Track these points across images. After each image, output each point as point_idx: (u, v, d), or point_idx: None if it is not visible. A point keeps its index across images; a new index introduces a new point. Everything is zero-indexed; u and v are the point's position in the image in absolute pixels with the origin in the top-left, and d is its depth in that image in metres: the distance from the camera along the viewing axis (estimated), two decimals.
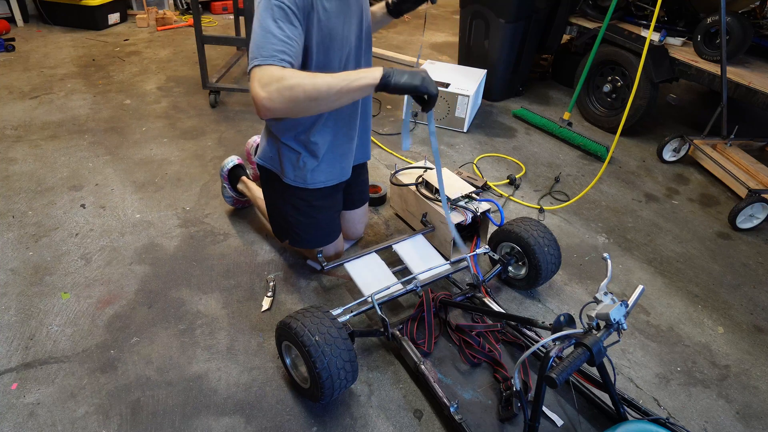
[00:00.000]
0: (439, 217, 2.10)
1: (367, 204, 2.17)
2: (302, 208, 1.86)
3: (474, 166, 2.91)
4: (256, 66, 1.35)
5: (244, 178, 2.26)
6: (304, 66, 1.55)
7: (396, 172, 2.34)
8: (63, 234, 2.17)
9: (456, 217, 2.09)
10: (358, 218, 2.15)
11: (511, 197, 2.66)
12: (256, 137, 2.41)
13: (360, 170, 2.05)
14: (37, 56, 3.93)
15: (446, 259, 2.01)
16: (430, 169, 2.30)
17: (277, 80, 1.32)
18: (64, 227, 2.21)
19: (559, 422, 1.54)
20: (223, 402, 1.56)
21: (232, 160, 2.27)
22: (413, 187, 2.23)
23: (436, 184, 2.06)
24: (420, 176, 2.27)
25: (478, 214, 2.12)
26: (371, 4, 1.79)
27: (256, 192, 2.16)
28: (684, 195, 2.82)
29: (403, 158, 2.91)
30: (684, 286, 2.17)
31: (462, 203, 2.13)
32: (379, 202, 2.52)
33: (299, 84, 1.31)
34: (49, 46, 4.16)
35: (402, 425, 1.53)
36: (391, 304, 1.94)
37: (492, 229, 2.20)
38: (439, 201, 2.08)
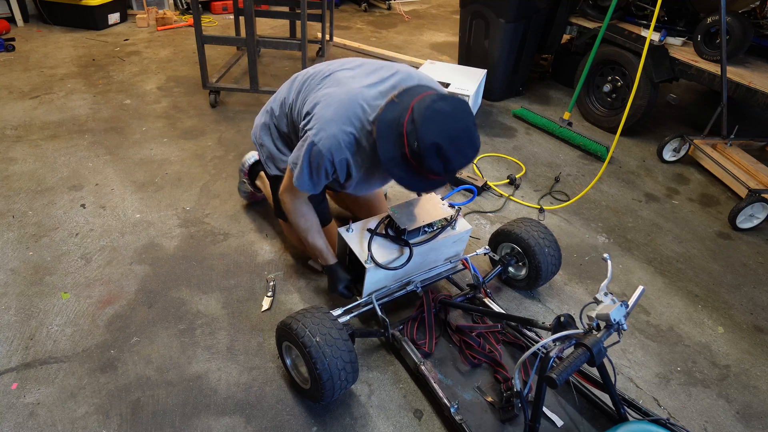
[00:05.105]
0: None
1: (380, 190, 2.11)
2: None
3: (474, 166, 2.91)
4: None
5: (262, 173, 2.26)
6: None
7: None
8: (63, 234, 2.17)
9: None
10: (374, 206, 2.12)
11: (511, 197, 2.66)
12: (252, 153, 2.32)
13: None
14: (37, 56, 3.93)
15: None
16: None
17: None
18: (64, 227, 2.21)
19: (560, 423, 1.54)
20: (223, 402, 1.56)
21: (253, 156, 2.28)
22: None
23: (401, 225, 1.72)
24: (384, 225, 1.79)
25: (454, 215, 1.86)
26: None
27: None
28: (684, 195, 2.82)
29: None
30: (684, 286, 2.18)
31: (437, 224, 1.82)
32: None
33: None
34: (49, 46, 4.16)
35: (402, 425, 1.53)
36: (392, 304, 1.94)
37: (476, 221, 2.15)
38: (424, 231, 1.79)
